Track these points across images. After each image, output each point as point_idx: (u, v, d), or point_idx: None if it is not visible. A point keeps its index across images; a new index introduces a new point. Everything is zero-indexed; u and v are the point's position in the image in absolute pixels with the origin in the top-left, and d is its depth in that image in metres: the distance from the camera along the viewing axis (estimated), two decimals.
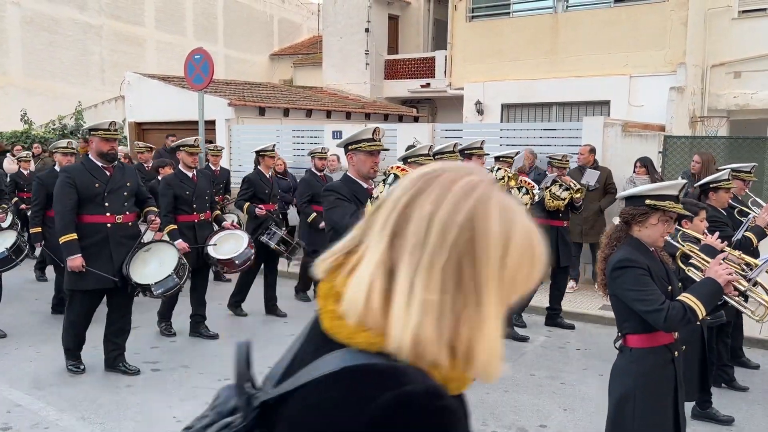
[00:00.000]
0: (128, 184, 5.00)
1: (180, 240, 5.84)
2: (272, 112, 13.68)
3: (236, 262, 6.09)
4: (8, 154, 10.68)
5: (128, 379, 5.07)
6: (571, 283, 7.94)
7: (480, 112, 13.70)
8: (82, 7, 19.66)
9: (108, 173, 4.89)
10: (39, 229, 6.55)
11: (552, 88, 12.81)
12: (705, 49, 12.02)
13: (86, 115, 15.66)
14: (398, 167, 3.47)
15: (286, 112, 14.04)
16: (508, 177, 5.59)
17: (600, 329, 6.69)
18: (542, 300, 7.45)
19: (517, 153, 6.74)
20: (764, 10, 11.60)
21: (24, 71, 18.35)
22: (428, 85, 17.65)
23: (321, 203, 7.33)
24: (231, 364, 3.73)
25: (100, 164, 4.87)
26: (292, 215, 8.88)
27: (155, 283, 4.91)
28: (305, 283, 7.73)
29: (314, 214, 7.22)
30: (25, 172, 9.30)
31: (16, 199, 8.77)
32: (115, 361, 5.10)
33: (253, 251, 6.25)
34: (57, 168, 6.57)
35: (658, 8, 11.83)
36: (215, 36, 23.71)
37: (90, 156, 4.91)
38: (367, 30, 18.11)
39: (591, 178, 7.21)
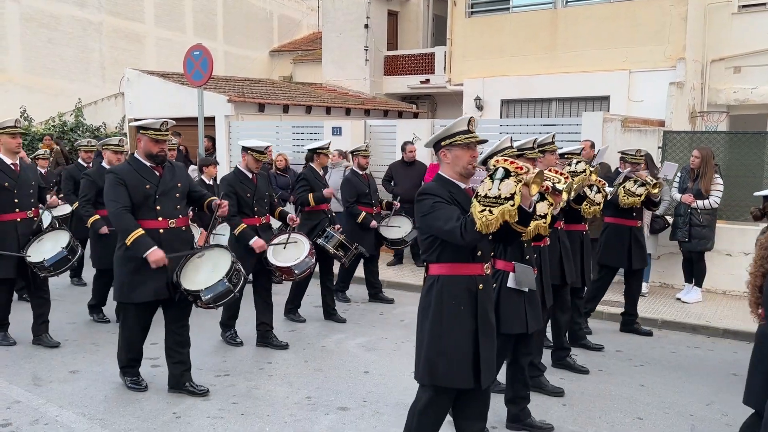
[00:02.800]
0: (179, 185, 4.59)
1: (256, 238, 5.49)
2: (272, 109, 13.68)
3: (296, 271, 5.75)
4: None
5: None
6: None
7: (479, 107, 13.69)
8: (82, 4, 19.63)
9: (158, 174, 4.48)
10: (96, 216, 6.31)
11: (551, 84, 12.80)
12: (705, 44, 12.00)
13: (86, 112, 15.66)
14: (505, 159, 3.08)
15: (285, 109, 14.04)
16: (590, 171, 5.13)
17: (600, 324, 6.69)
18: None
19: (592, 148, 6.19)
20: (764, 4, 11.58)
21: (23, 68, 18.33)
22: (428, 81, 17.64)
23: (366, 203, 7.24)
24: (230, 360, 3.74)
25: (148, 164, 4.46)
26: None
27: (204, 288, 4.47)
28: (346, 284, 7.60)
29: (363, 214, 7.11)
30: (42, 171, 8.65)
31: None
32: (181, 378, 4.69)
33: (313, 261, 5.93)
34: (105, 164, 6.35)
35: (658, 3, 11.81)
36: (215, 32, 23.67)
37: (137, 155, 4.51)
38: (366, 26, 18.09)
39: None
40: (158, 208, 4.43)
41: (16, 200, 5.54)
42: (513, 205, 2.92)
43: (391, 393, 4.82)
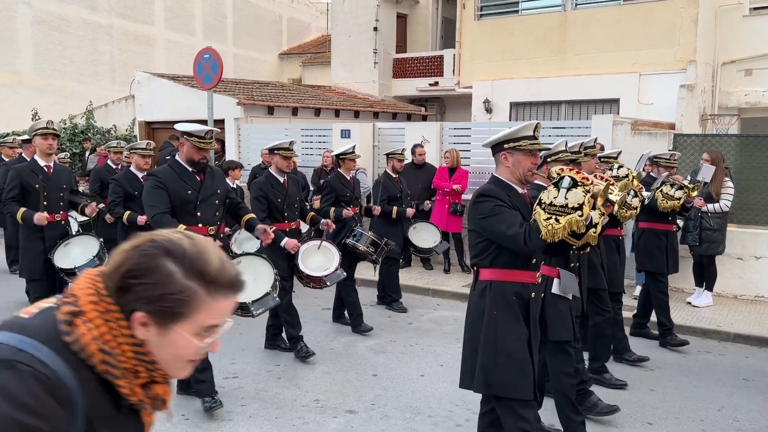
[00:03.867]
0: (218, 191, 4.50)
1: (287, 239, 5.28)
2: (281, 111, 13.72)
3: (328, 283, 5.61)
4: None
5: None
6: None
7: (488, 110, 13.67)
8: (93, 7, 19.78)
9: (199, 179, 4.38)
10: (126, 212, 6.05)
11: (561, 87, 12.77)
12: (715, 46, 11.93)
13: (96, 114, 15.76)
14: (570, 168, 3.02)
15: (294, 111, 14.08)
16: (632, 176, 5.01)
17: None
18: None
19: (620, 152, 5.93)
20: None
21: (35, 71, 18.49)
22: (436, 83, 17.63)
23: (399, 206, 7.09)
24: (239, 362, 3.72)
25: (190, 169, 4.36)
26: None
27: (253, 302, 4.37)
28: (397, 293, 7.42)
29: (396, 207, 7.05)
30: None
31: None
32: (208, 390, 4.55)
33: (344, 274, 5.80)
34: (132, 169, 6.34)
35: (668, 6, 11.76)
36: (224, 35, 23.78)
37: (178, 159, 4.40)
38: (375, 29, 18.12)
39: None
40: (199, 214, 4.33)
41: (45, 203, 5.51)
42: (581, 216, 2.88)
43: (399, 396, 4.81)
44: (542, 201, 2.97)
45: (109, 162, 7.88)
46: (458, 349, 5.92)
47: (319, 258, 5.66)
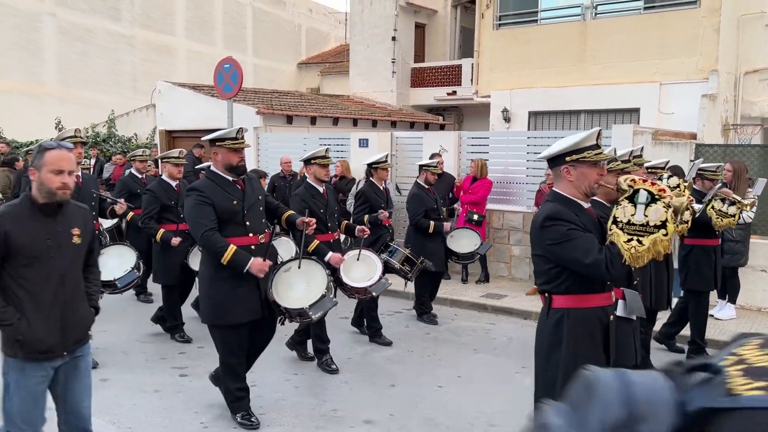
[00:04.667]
0: (260, 197, 4.34)
1: (332, 253, 5.14)
2: (299, 121, 13.80)
3: (373, 293, 5.45)
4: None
5: (157, 384, 5.13)
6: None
7: (507, 119, 13.64)
8: (116, 18, 20.10)
9: (240, 188, 4.18)
10: (162, 229, 6.08)
11: (580, 96, 12.70)
12: (738, 55, 11.79)
13: (118, 123, 15.97)
14: (643, 180, 2.73)
15: (313, 120, 14.16)
16: (684, 186, 4.69)
17: None
18: None
19: (667, 163, 5.67)
20: None
21: (59, 80, 18.82)
22: (454, 92, 17.65)
23: (435, 218, 6.85)
24: (257, 370, 3.66)
25: (229, 178, 4.16)
26: None
27: (310, 306, 4.23)
28: (427, 305, 7.27)
29: (432, 223, 6.79)
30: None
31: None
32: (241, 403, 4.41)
33: (389, 282, 5.63)
34: (166, 178, 6.32)
35: (690, 15, 11.66)
36: (244, 45, 24.04)
37: (215, 169, 4.20)
38: (394, 38, 18.20)
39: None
40: (247, 224, 4.15)
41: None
42: (666, 235, 2.62)
43: (417, 407, 4.78)
44: (618, 219, 2.69)
45: (134, 171, 7.87)
46: (476, 360, 5.91)
47: (360, 268, 5.51)
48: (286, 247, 6.02)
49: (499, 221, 9.16)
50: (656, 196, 2.71)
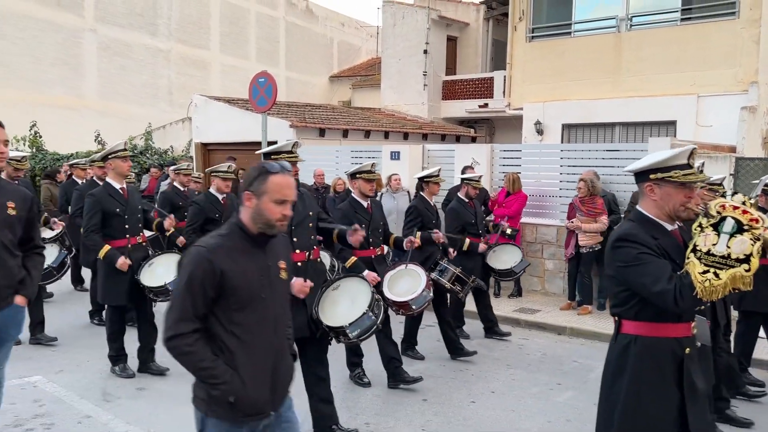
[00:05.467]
0: (310, 213, 4.26)
1: (366, 271, 5.06)
2: (332, 133, 13.92)
3: (413, 306, 5.30)
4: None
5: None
6: None
7: (540, 132, 13.54)
8: (153, 33, 20.62)
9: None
10: None
11: (615, 108, 12.55)
12: None
13: (155, 135, 16.31)
14: (734, 207, 2.48)
15: (345, 133, 14.27)
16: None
17: None
18: (606, 327, 7.23)
19: (724, 178, 5.33)
20: None
21: (98, 94, 19.35)
22: (486, 105, 17.61)
23: (473, 233, 6.66)
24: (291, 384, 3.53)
25: None
26: None
27: (349, 324, 4.15)
28: (460, 320, 7.09)
29: (468, 241, 6.60)
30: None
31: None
32: (331, 417, 4.33)
33: (431, 294, 5.49)
34: (213, 191, 6.34)
35: (728, 26, 11.46)
36: (277, 59, 24.40)
37: None
38: (425, 51, 18.27)
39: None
40: (296, 240, 4.07)
41: (126, 226, 5.45)
42: (748, 271, 2.37)
43: (450, 423, 4.74)
44: (698, 248, 2.45)
45: (176, 184, 7.94)
46: (509, 375, 5.84)
47: (405, 282, 5.39)
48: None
49: (533, 235, 9.07)
50: (745, 226, 2.45)
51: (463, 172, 9.29)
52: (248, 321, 2.42)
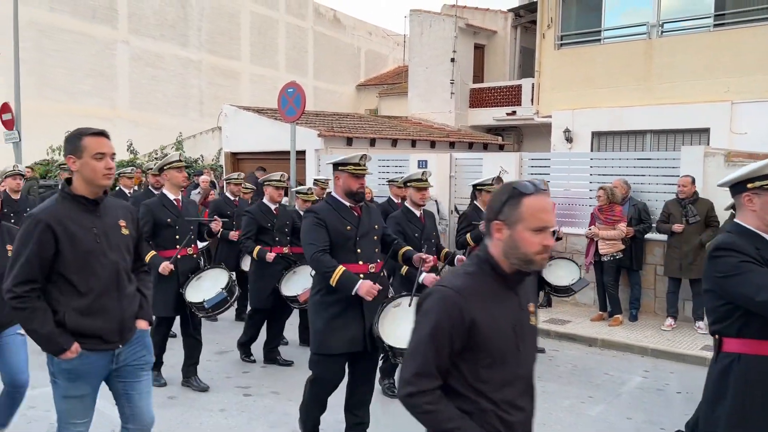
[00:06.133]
0: (376, 226, 4.21)
1: (425, 273, 4.90)
2: (359, 142, 13.97)
3: None
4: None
5: (222, 403, 5.23)
6: (668, 321, 7.55)
7: (569, 140, 13.40)
8: (184, 44, 20.98)
9: (356, 214, 4.08)
10: (257, 248, 6.13)
11: (646, 116, 12.37)
12: None
13: (185, 145, 16.56)
14: None
15: (372, 142, 14.31)
16: None
17: (702, 371, 6.27)
18: (638, 338, 7.11)
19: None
20: None
21: (130, 104, 19.74)
22: (514, 112, 17.51)
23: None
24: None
25: (347, 204, 4.06)
26: None
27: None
28: None
29: None
30: (128, 191, 8.68)
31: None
32: None
33: None
34: (266, 201, 6.38)
35: (763, 31, 11.22)
36: (305, 68, 24.63)
37: (334, 194, 4.12)
38: (452, 60, 18.25)
39: None
40: (358, 251, 4.04)
41: (177, 236, 5.46)
42: None
43: None
44: None
45: (227, 194, 8.00)
46: (539, 388, 5.75)
47: None
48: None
49: (563, 244, 8.97)
50: None
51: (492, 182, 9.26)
52: (498, 380, 1.98)
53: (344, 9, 26.85)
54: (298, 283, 6.04)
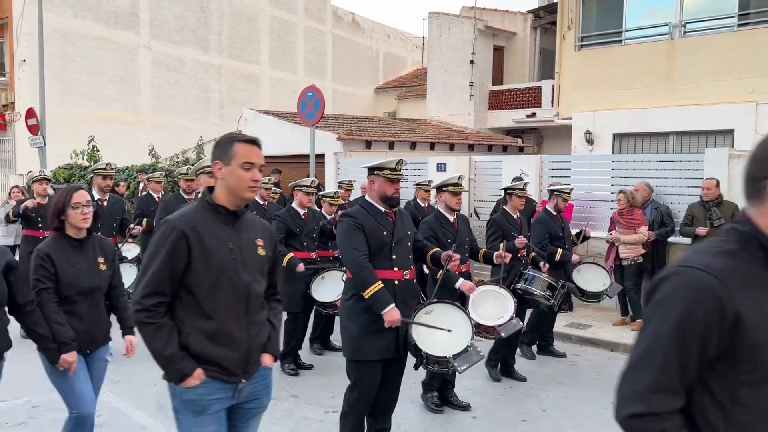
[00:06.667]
0: (409, 232, 4.17)
1: (462, 280, 4.93)
2: (378, 145, 13.99)
3: (502, 334, 5.04)
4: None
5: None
6: None
7: (590, 141, 13.28)
8: (205, 49, 21.20)
9: (391, 220, 4.02)
10: (291, 253, 6.11)
11: (668, 117, 12.21)
12: None
13: (206, 148, 16.71)
14: None
15: (391, 145, 14.31)
16: None
17: None
18: None
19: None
20: None
21: (152, 109, 19.99)
22: (534, 114, 17.40)
23: (559, 245, 6.35)
24: (339, 396, 3.63)
25: (382, 209, 4.01)
26: None
27: (454, 356, 3.95)
28: (533, 336, 6.83)
29: (560, 250, 6.34)
30: (156, 196, 8.61)
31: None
32: None
33: (522, 324, 5.30)
34: (295, 206, 6.36)
35: None
36: (324, 72, 24.73)
37: (368, 199, 4.07)
38: (471, 62, 18.20)
39: None
40: (394, 257, 3.98)
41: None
42: None
43: None
44: None
45: (257, 198, 7.70)
46: (561, 393, 5.71)
47: (490, 304, 5.15)
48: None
49: (584, 248, 8.88)
50: None
51: (514, 183, 9.20)
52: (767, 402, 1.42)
53: (363, 12, 26.85)
54: (328, 287, 6.08)
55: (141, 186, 12.55)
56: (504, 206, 6.19)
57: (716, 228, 7.22)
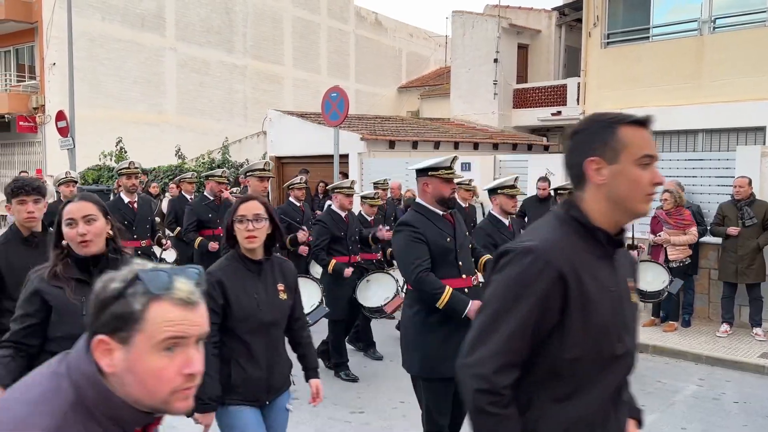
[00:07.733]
0: (467, 233, 3.86)
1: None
2: (401, 145, 13.97)
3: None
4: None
5: (318, 424, 5.20)
6: (724, 327, 7.30)
7: None
8: (229, 50, 21.39)
9: (451, 223, 3.69)
10: (334, 260, 5.93)
11: (696, 115, 12.01)
12: None
13: (231, 149, 16.87)
14: None
15: (414, 145, 14.29)
16: None
17: (760, 380, 6.05)
18: (692, 345, 6.91)
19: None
20: None
21: (177, 110, 20.23)
22: (559, 113, 17.22)
23: None
24: (364, 396, 3.64)
25: (440, 212, 3.66)
26: None
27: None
28: None
29: None
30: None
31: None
32: None
33: None
34: (335, 209, 6.16)
35: None
36: (347, 72, 24.80)
37: (422, 203, 3.70)
38: (496, 60, 18.08)
39: None
40: (460, 264, 3.66)
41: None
42: None
43: None
44: None
45: (292, 200, 7.48)
46: None
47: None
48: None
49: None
50: None
51: (537, 185, 9.13)
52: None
53: (386, 11, 26.89)
54: (373, 291, 5.95)
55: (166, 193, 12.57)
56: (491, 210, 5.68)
57: (748, 227, 7.08)
